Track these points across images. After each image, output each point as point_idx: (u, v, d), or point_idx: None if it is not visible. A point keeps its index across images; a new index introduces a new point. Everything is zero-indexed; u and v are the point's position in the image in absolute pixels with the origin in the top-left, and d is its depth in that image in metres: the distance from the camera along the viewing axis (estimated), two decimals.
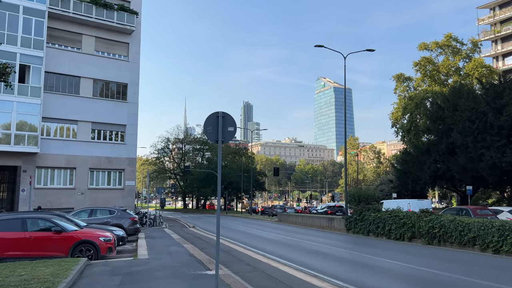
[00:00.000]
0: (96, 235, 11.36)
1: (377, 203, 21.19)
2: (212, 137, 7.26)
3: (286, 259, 12.35)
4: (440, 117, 34.39)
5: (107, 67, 31.93)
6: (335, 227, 23.84)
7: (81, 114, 30.50)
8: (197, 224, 31.51)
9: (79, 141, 30.34)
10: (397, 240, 17.99)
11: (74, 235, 11.10)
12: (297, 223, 29.65)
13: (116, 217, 17.57)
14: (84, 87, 30.99)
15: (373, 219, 19.70)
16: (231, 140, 7.30)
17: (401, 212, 18.60)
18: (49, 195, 28.82)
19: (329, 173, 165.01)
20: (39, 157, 28.48)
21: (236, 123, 7.47)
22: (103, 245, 11.19)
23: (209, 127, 7.20)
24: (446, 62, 49.53)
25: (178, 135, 74.56)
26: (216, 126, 7.15)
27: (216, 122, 7.17)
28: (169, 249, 14.08)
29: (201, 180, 66.08)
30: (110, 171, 31.64)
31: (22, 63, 27.59)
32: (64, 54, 30.40)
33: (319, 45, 24.51)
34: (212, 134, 7.25)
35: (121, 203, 30.93)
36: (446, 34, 51.03)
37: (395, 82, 52.84)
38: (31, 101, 27.70)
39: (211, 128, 7.17)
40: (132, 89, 32.97)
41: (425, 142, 37.67)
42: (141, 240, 17.31)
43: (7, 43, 27.08)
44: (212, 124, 7.20)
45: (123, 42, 33.01)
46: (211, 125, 7.20)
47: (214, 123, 7.19)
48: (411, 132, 47.99)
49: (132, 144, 32.52)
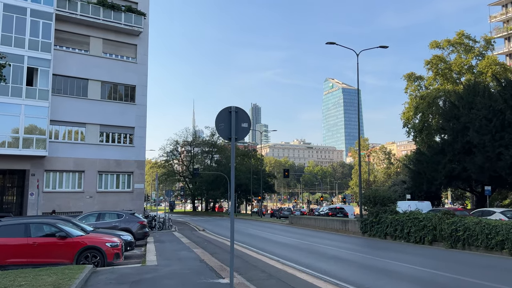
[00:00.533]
0: (102, 241, 10.83)
1: (394, 205, 20.42)
2: (224, 134, 6.69)
3: (302, 265, 11.70)
4: (455, 115, 33.47)
5: (115, 69, 31.61)
6: (350, 230, 23.08)
7: (89, 117, 30.18)
8: (206, 227, 30.97)
9: (87, 144, 30.01)
10: (417, 244, 17.21)
11: (79, 240, 10.58)
12: (309, 226, 28.91)
13: (124, 221, 17.06)
14: (92, 89, 30.68)
15: (390, 221, 18.92)
16: (245, 137, 6.74)
17: (421, 214, 17.82)
18: (58, 198, 28.50)
19: (338, 175, 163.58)
20: (48, 160, 28.19)
21: (250, 119, 6.87)
22: (109, 251, 10.66)
23: (221, 123, 6.63)
24: (459, 60, 48.45)
25: (187, 137, 74.30)
26: (228, 122, 6.58)
27: (229, 118, 6.60)
28: (178, 254, 13.51)
29: (210, 183, 65.63)
30: (119, 174, 31.27)
31: (30, 66, 27.34)
32: (71, 57, 30.13)
33: (331, 42, 23.86)
34: (225, 131, 6.70)
35: (130, 206, 30.54)
36: (458, 31, 49.92)
37: (405, 82, 51.89)
38: (39, 104, 27.42)
39: (223, 125, 6.61)
40: (140, 91, 32.59)
41: (440, 142, 36.74)
42: (150, 244, 16.78)
43: (15, 46, 26.90)
44: (224, 120, 6.64)
45: (130, 44, 32.67)
46: (223, 121, 6.63)
47: (227, 119, 6.62)
48: (423, 132, 47.02)
49: (140, 147, 32.11)
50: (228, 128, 6.61)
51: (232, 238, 6.53)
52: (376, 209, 20.11)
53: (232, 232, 6.49)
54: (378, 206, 20.12)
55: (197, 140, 75.96)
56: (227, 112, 6.68)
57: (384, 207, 19.97)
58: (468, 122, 30.88)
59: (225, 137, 6.72)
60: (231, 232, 6.46)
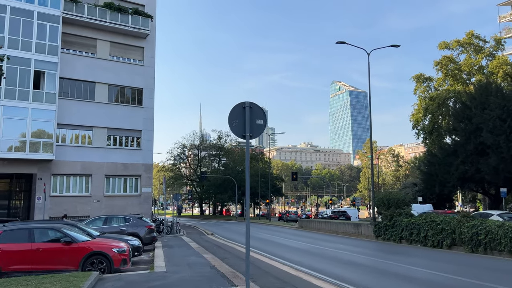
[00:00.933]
0: (109, 246, 10.41)
1: (408, 207, 19.80)
2: (238, 131, 6.26)
3: (317, 270, 11.19)
4: (467, 116, 32.79)
5: (122, 72, 31.39)
6: (363, 234, 22.47)
7: (97, 120, 29.95)
8: (215, 231, 30.51)
9: (94, 148, 29.76)
10: (434, 248, 16.57)
11: (85, 246, 10.17)
12: (320, 230, 28.31)
13: (131, 225, 16.65)
14: (99, 92, 30.47)
15: (405, 225, 18.30)
16: (260, 134, 6.28)
17: (438, 217, 17.18)
18: (65, 203, 28.25)
19: (346, 178, 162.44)
20: (55, 164, 27.96)
21: (266, 115, 6.43)
22: (116, 257, 10.23)
23: (235, 120, 6.18)
24: (468, 61, 47.69)
25: (194, 141, 74.08)
26: (242, 118, 6.13)
27: (243, 114, 6.15)
28: (188, 260, 13.05)
29: (217, 186, 65.27)
30: (126, 177, 30.97)
31: (36, 69, 27.20)
32: (78, 60, 29.97)
33: (341, 41, 23.41)
34: (238, 128, 6.25)
35: (138, 210, 30.22)
36: (468, 32, 49.16)
37: (414, 83, 51.19)
38: (46, 107, 27.24)
39: (237, 121, 6.16)
40: (148, 94, 32.33)
41: (451, 143, 36.02)
42: (158, 249, 16.35)
43: (22, 49, 26.79)
44: (238, 117, 6.20)
45: (138, 47, 32.45)
46: (237, 118, 6.19)
47: (241, 115, 6.18)
48: (433, 134, 46.28)
49: (148, 150, 31.80)
50: (242, 125, 6.17)
51: (248, 244, 6.06)
52: (390, 212, 19.50)
53: (248, 238, 6.02)
54: (392, 209, 19.50)
55: (204, 143, 75.72)
56: (241, 108, 6.23)
57: (399, 210, 19.34)
58: (481, 122, 30.20)
59: (238, 134, 6.25)
60: (246, 238, 6.00)
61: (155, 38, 33.32)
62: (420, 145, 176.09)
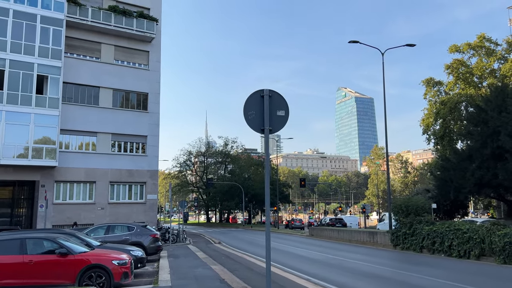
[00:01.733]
0: (108, 258, 9.47)
1: (429, 215, 18.64)
2: (255, 124, 5.34)
3: (337, 285, 10.18)
4: (483, 120, 31.63)
5: (127, 76, 30.73)
6: (378, 242, 21.32)
7: (101, 126, 29.24)
8: (222, 240, 29.50)
9: (98, 154, 29.02)
10: (460, 258, 15.40)
11: (82, 258, 9.25)
12: (332, 238, 27.15)
13: (135, 234, 15.73)
14: (103, 97, 29.81)
15: (427, 233, 17.14)
16: (281, 128, 5.33)
17: (464, 224, 16.03)
18: (68, 210, 27.48)
19: (353, 184, 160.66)
20: (58, 171, 27.23)
21: (288, 105, 5.48)
22: (117, 270, 9.29)
23: (251, 111, 5.28)
24: (480, 64, 46.58)
25: (200, 148, 73.35)
26: (260, 109, 5.21)
27: (261, 104, 5.22)
28: (195, 272, 12.08)
29: (224, 193, 64.35)
30: (131, 184, 30.16)
31: (39, 73, 26.59)
32: (82, 64, 29.37)
33: (354, 40, 22.54)
34: (256, 121, 5.33)
35: (143, 218, 29.38)
36: (479, 34, 48.09)
37: (424, 87, 50.13)
38: (49, 112, 26.57)
39: (253, 113, 5.24)
40: (153, 98, 31.62)
41: (466, 147, 34.80)
42: (163, 260, 15.39)
43: (24, 53, 26.23)
44: (255, 107, 5.29)
45: (143, 51, 31.82)
46: (254, 109, 5.29)
47: (258, 105, 5.27)
48: (444, 138, 45.13)
49: (153, 156, 31.00)
50: (260, 117, 5.25)
51: (268, 259, 5.10)
52: (410, 220, 18.34)
53: (268, 252, 5.06)
54: (412, 216, 18.34)
55: (210, 150, 74.93)
56: (259, 97, 5.31)
57: (419, 217, 18.18)
58: (498, 126, 29.02)
59: (256, 128, 5.33)
60: (266, 253, 5.05)
61: (160, 42, 32.69)
62: (428, 151, 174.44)
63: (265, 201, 5.18)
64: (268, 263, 5.16)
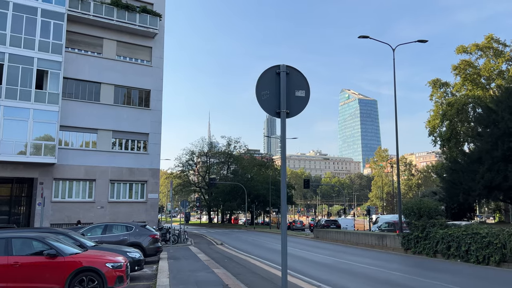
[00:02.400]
0: (102, 260, 8.69)
1: (442, 218, 17.80)
2: (269, 106, 4.52)
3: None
4: (493, 121, 30.79)
5: (129, 72, 30.04)
6: (388, 246, 20.46)
7: (102, 123, 28.57)
8: (225, 241, 28.73)
9: (99, 151, 28.33)
10: (479, 264, 14.49)
11: (73, 260, 8.47)
12: (338, 241, 26.30)
13: (134, 234, 14.96)
14: (104, 93, 29.13)
15: (441, 237, 16.26)
16: (301, 111, 4.50)
17: (483, 228, 15.17)
18: (67, 209, 26.79)
19: (356, 186, 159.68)
20: (57, 168, 26.56)
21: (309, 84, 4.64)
22: (110, 274, 8.52)
23: (265, 90, 4.49)
24: (488, 65, 45.76)
25: (203, 147, 72.60)
26: (276, 88, 4.47)
27: (277, 83, 4.46)
28: (196, 276, 11.30)
29: (226, 193, 63.54)
30: (132, 183, 29.45)
31: (39, 68, 25.93)
32: (84, 59, 28.70)
33: (364, 36, 21.75)
34: (270, 102, 4.50)
35: (144, 217, 28.70)
36: (487, 35, 47.28)
37: (430, 88, 49.33)
38: (49, 108, 25.90)
39: (268, 93, 4.48)
40: (156, 95, 30.92)
41: (475, 149, 33.92)
42: (163, 262, 14.62)
43: (24, 47, 25.58)
44: (270, 86, 4.49)
45: (145, 46, 31.13)
46: (268, 88, 4.49)
47: (273, 84, 4.47)
48: (451, 140, 44.29)
49: (155, 154, 30.28)
50: (276, 98, 4.46)
51: (285, 267, 4.34)
52: (422, 222, 17.50)
53: (285, 259, 4.29)
54: (425, 219, 17.50)
55: (213, 150, 74.15)
56: (274, 74, 4.48)
57: (432, 220, 17.34)
58: (510, 127, 28.17)
59: (270, 111, 4.54)
60: (282, 261, 4.28)
61: (163, 38, 32.00)
62: (431, 153, 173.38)
63: (281, 201, 4.41)
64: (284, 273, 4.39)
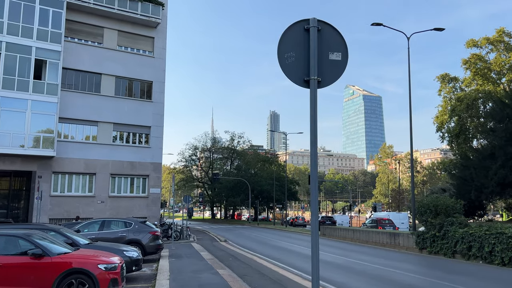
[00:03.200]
0: (93, 261, 7.72)
1: (461, 216, 16.77)
2: (294, 72, 3.31)
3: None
4: (507, 115, 29.71)
5: (130, 63, 29.09)
6: (401, 245, 19.41)
7: (102, 115, 27.67)
8: (229, 238, 27.84)
9: (99, 144, 27.46)
10: (504, 266, 13.45)
11: (61, 260, 7.52)
12: (346, 239, 25.29)
13: (133, 231, 14.02)
14: (105, 85, 28.20)
15: (461, 236, 15.20)
16: (335, 80, 3.30)
17: (508, 228, 14.11)
18: (66, 203, 25.96)
19: (360, 183, 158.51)
20: (56, 161, 25.71)
21: (346, 43, 3.47)
22: (103, 276, 7.57)
23: (290, 52, 3.28)
24: (499, 59, 44.50)
25: (206, 142, 71.69)
26: (304, 50, 3.27)
27: (305, 42, 3.27)
28: (199, 278, 10.34)
29: (230, 189, 62.71)
30: (133, 177, 28.57)
31: (38, 57, 25.03)
32: (84, 49, 27.76)
33: (377, 23, 20.66)
34: (296, 67, 3.29)
35: (145, 212, 27.86)
36: (498, 28, 45.95)
37: (439, 83, 48.09)
38: (47, 99, 25.02)
39: (293, 55, 3.27)
40: (158, 87, 29.97)
41: (488, 145, 32.81)
42: (164, 261, 13.71)
43: (22, 36, 24.68)
44: (296, 47, 3.28)
45: (147, 36, 30.15)
46: (294, 49, 3.28)
47: (301, 43, 3.27)
48: (460, 136, 43.16)
49: (157, 148, 29.38)
50: (304, 61, 3.27)
51: (316, 279, 3.38)
52: (439, 221, 16.46)
53: (316, 268, 3.34)
54: (442, 217, 16.45)
55: (216, 145, 73.24)
56: (301, 30, 3.30)
57: (450, 218, 16.31)
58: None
59: (296, 78, 3.34)
60: (313, 272, 3.32)
61: (166, 28, 31.00)
62: (436, 150, 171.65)
63: (311, 194, 3.42)
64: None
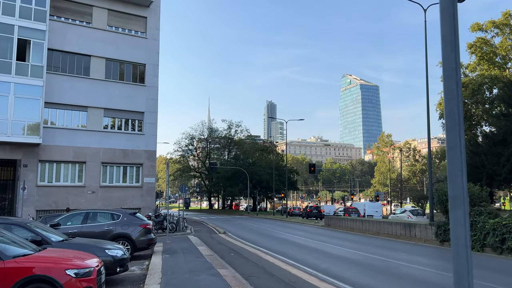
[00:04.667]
0: (60, 266, 5.99)
1: (489, 205, 15.27)
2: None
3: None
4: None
5: (121, 44, 27.26)
6: (417, 237, 17.84)
7: (92, 99, 25.92)
8: (228, 229, 26.33)
9: (89, 131, 25.75)
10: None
11: (17, 265, 5.84)
12: (354, 230, 23.74)
13: (121, 224, 12.35)
14: (95, 67, 26.39)
15: (492, 227, 13.70)
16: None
17: None
18: (54, 194, 24.32)
19: (357, 172, 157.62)
20: (42, 149, 24.01)
21: None
22: (72, 284, 5.91)
23: None
24: (505, 44, 42.96)
25: (203, 131, 69.87)
26: None
27: None
28: (197, 280, 8.68)
29: (227, 179, 61.14)
30: (126, 166, 26.92)
31: (20, 37, 23.18)
32: (71, 29, 25.88)
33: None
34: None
35: (140, 203, 26.32)
36: (504, 11, 44.32)
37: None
38: (32, 82, 23.23)
39: None
40: (151, 70, 28.17)
41: (499, 130, 31.37)
42: (156, 257, 12.09)
43: (3, 13, 22.81)
44: None
45: (140, 16, 28.28)
46: None
47: None
48: (465, 123, 41.81)
49: (151, 135, 27.70)
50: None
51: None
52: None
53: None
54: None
55: (213, 134, 71.42)
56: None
57: (477, 208, 14.80)
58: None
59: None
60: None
61: (159, 7, 29.10)
62: (433, 139, 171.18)
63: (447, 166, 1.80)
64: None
